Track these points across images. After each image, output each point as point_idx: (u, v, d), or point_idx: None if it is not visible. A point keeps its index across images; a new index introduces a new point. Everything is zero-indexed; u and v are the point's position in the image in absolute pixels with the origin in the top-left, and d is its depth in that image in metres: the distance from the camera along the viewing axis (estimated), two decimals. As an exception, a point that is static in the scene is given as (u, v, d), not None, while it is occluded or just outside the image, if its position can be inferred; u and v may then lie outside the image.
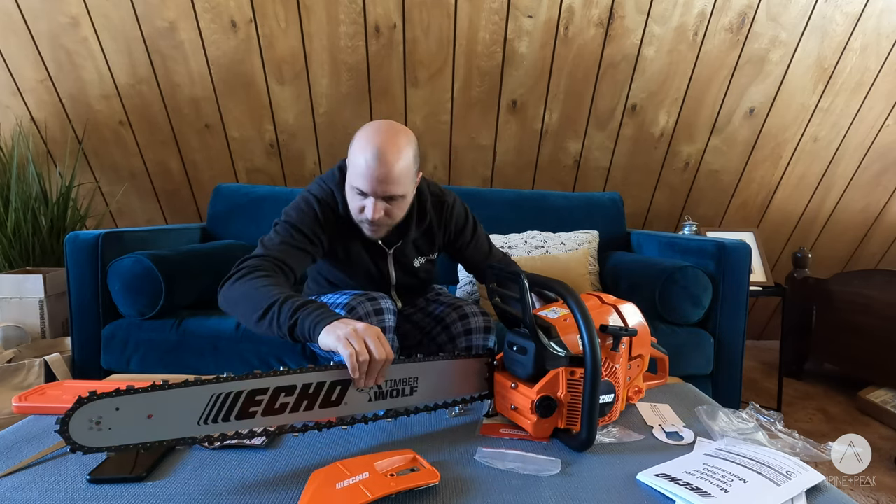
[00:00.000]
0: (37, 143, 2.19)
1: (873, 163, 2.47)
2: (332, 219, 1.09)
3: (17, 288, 1.73)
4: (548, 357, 0.76)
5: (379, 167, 0.95)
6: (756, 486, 0.62)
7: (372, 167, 0.95)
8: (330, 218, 1.09)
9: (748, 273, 1.56)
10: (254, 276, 0.90)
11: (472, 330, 1.16)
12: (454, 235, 1.23)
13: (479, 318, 1.17)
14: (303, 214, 1.07)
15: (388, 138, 0.97)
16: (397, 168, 0.97)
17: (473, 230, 1.26)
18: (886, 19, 2.07)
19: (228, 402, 0.64)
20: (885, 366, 2.00)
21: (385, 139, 0.96)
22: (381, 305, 1.06)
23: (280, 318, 0.81)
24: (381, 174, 0.96)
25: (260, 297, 0.85)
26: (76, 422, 0.56)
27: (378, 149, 0.95)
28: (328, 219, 1.08)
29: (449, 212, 1.20)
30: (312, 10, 1.96)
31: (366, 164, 0.96)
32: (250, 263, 0.95)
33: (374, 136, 0.97)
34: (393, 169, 0.96)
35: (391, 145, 0.96)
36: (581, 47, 2.10)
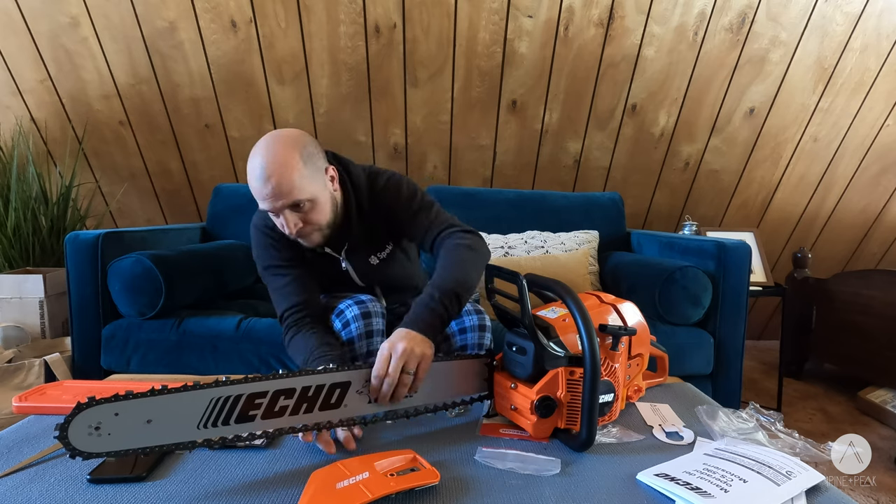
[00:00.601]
0: (37, 143, 2.19)
1: (873, 163, 2.47)
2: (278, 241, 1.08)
3: (17, 288, 1.73)
4: (547, 357, 0.76)
5: (265, 185, 0.92)
6: (756, 486, 0.62)
7: (259, 187, 0.93)
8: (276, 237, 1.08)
9: (748, 273, 1.56)
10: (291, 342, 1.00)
11: (466, 328, 1.15)
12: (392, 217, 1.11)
13: (472, 315, 1.16)
14: (264, 252, 1.09)
15: (267, 153, 0.93)
16: (286, 178, 0.93)
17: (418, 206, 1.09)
18: (886, 19, 2.07)
19: (228, 405, 0.64)
20: (885, 366, 2.00)
21: (264, 155, 0.93)
22: (369, 308, 1.05)
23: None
24: (272, 191, 0.92)
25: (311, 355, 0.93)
26: (75, 428, 0.56)
27: (259, 167, 0.93)
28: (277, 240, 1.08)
29: (380, 195, 1.10)
30: (312, 10, 1.96)
31: (256, 186, 0.94)
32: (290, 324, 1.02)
33: (256, 155, 0.94)
34: (281, 180, 0.92)
35: (270, 159, 0.93)
36: (581, 47, 2.10)
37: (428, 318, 0.84)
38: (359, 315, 1.05)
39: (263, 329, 1.40)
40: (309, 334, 0.98)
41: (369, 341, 1.04)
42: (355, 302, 1.07)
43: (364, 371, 0.74)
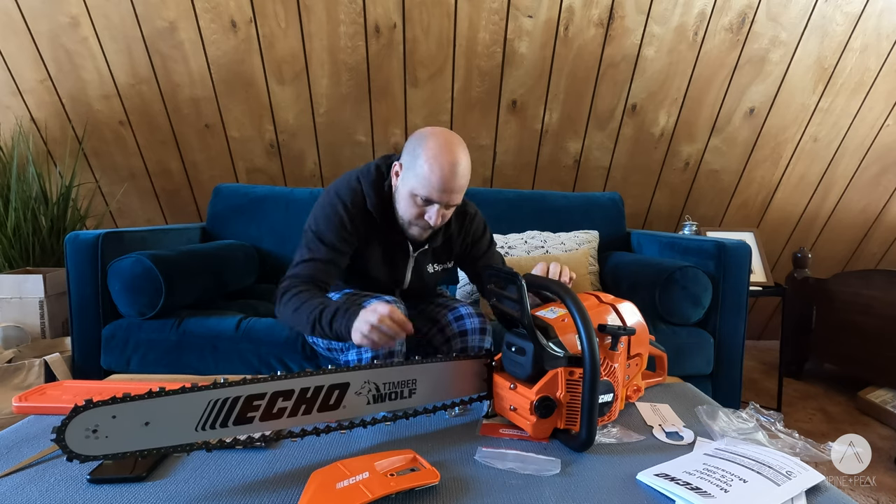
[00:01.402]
0: (37, 143, 2.19)
1: (873, 163, 2.47)
2: (359, 220, 1.11)
3: (17, 288, 1.73)
4: (546, 357, 0.76)
5: (453, 180, 1.01)
6: (756, 486, 0.62)
7: (447, 179, 1.00)
8: (357, 221, 1.11)
9: (748, 273, 1.56)
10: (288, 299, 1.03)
11: (467, 331, 1.16)
12: (470, 246, 1.25)
13: (474, 318, 1.17)
14: (330, 224, 1.10)
15: (458, 150, 1.02)
16: (465, 179, 1.04)
17: (489, 244, 1.28)
18: (886, 19, 2.07)
19: (226, 407, 0.64)
20: (885, 366, 2.00)
21: (456, 151, 1.02)
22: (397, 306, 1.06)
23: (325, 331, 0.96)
24: (455, 186, 1.01)
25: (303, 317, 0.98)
26: (72, 430, 0.56)
27: (453, 162, 1.00)
28: (356, 222, 1.10)
29: (470, 222, 1.24)
30: (312, 10, 1.96)
31: (440, 176, 1.00)
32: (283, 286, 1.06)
33: (446, 147, 1.01)
34: (463, 180, 1.03)
35: (462, 157, 1.02)
36: (581, 47, 2.10)
37: None
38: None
39: (263, 329, 1.39)
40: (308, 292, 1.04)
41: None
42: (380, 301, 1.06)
43: (363, 372, 0.74)
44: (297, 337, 1.36)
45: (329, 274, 1.09)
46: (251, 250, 1.92)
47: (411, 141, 1.06)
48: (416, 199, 1.04)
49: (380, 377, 0.75)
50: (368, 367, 0.75)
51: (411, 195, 1.04)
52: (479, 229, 1.25)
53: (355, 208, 1.10)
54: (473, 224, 1.24)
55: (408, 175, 1.04)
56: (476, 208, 1.27)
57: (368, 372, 0.74)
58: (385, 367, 0.76)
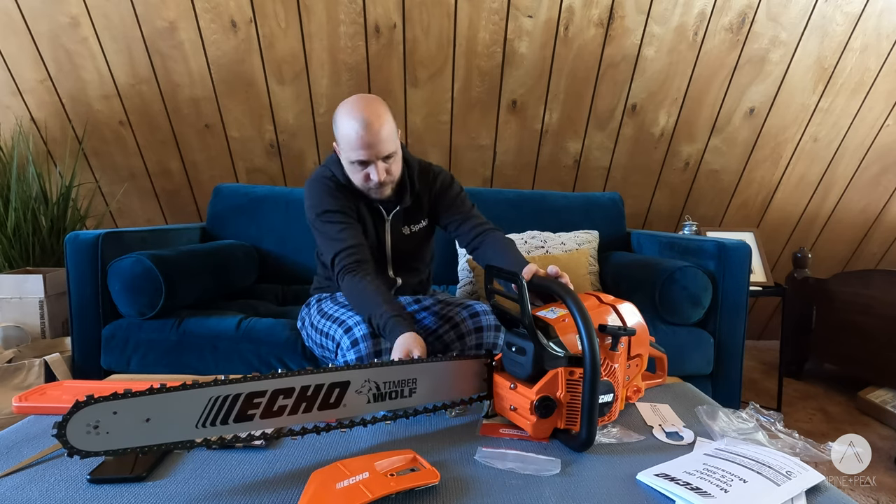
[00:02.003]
0: (37, 143, 2.19)
1: (873, 163, 2.47)
2: (338, 190, 1.18)
3: (17, 288, 1.73)
4: (547, 357, 0.76)
5: (369, 133, 1.06)
6: (756, 486, 0.62)
7: (364, 135, 1.06)
8: (338, 188, 1.18)
9: (748, 273, 1.56)
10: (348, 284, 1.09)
11: (482, 328, 1.17)
12: (438, 197, 1.29)
13: (489, 315, 1.18)
14: (325, 195, 1.17)
15: (367, 104, 1.08)
16: (385, 130, 1.08)
17: (457, 194, 1.30)
18: (886, 19, 2.07)
19: (227, 404, 0.64)
20: (885, 366, 2.00)
21: (364, 106, 1.08)
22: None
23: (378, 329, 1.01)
24: (374, 139, 1.07)
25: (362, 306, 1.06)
26: (73, 426, 0.56)
27: (364, 117, 1.06)
28: (338, 190, 1.18)
29: (434, 177, 1.29)
30: (312, 10, 1.96)
31: (357, 135, 1.07)
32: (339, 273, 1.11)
33: (355, 107, 1.08)
34: (381, 131, 1.08)
35: (372, 110, 1.08)
36: (581, 47, 2.10)
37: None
38: (368, 335, 1.05)
39: (263, 329, 1.40)
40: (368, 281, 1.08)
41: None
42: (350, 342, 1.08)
43: (364, 370, 0.74)
44: (297, 337, 1.36)
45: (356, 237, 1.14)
46: (251, 250, 1.92)
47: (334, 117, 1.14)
48: (355, 164, 1.11)
49: (380, 376, 0.75)
50: (369, 365, 0.75)
51: (349, 163, 1.12)
52: (445, 182, 1.30)
53: (332, 181, 1.19)
54: (438, 178, 1.29)
55: (340, 147, 1.13)
56: (440, 168, 1.33)
57: (369, 371, 0.74)
58: (385, 367, 0.76)
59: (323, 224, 1.16)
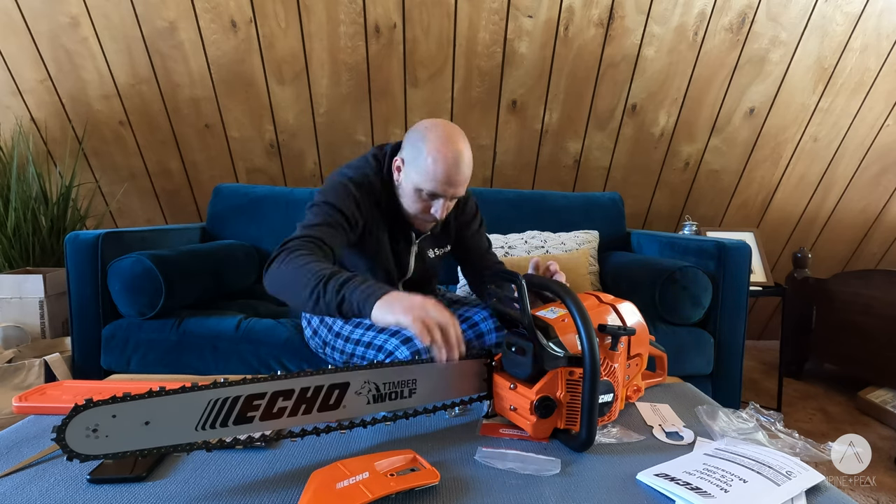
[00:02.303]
0: (37, 143, 2.19)
1: (873, 163, 2.47)
2: (368, 203, 1.09)
3: (17, 288, 1.73)
4: (546, 357, 0.76)
5: (457, 173, 1.00)
6: (756, 486, 0.62)
7: (451, 173, 0.99)
8: (367, 202, 1.08)
9: (748, 273, 1.56)
10: (295, 256, 0.89)
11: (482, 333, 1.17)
12: (462, 226, 1.26)
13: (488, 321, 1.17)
14: (340, 195, 1.05)
15: (461, 141, 1.01)
16: (469, 170, 1.03)
17: (479, 225, 1.30)
18: (886, 19, 2.07)
19: (226, 407, 0.64)
20: (885, 366, 2.00)
21: (459, 143, 1.01)
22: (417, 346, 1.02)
23: (326, 296, 0.82)
24: (459, 179, 1.01)
25: (304, 278, 0.85)
26: (72, 430, 0.56)
27: (457, 155, 0.99)
28: (365, 203, 1.08)
29: (464, 203, 1.26)
30: (312, 10, 1.96)
31: (444, 170, 0.99)
32: (290, 245, 0.93)
33: (448, 140, 1.00)
34: (467, 171, 1.02)
35: (465, 148, 1.01)
36: (581, 47, 2.10)
37: None
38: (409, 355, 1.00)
39: (263, 329, 1.40)
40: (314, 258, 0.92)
41: None
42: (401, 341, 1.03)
43: (363, 372, 0.74)
44: (297, 338, 1.36)
45: (336, 239, 1.00)
46: (251, 250, 1.92)
47: (412, 135, 1.04)
48: (422, 193, 1.03)
49: (380, 377, 0.75)
50: (368, 366, 0.75)
51: (416, 190, 1.03)
52: (471, 211, 1.28)
53: (363, 189, 1.08)
54: (467, 205, 1.26)
55: (410, 170, 1.03)
56: (470, 193, 1.28)
57: (368, 372, 0.74)
58: (385, 367, 0.76)
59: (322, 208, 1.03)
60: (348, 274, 0.85)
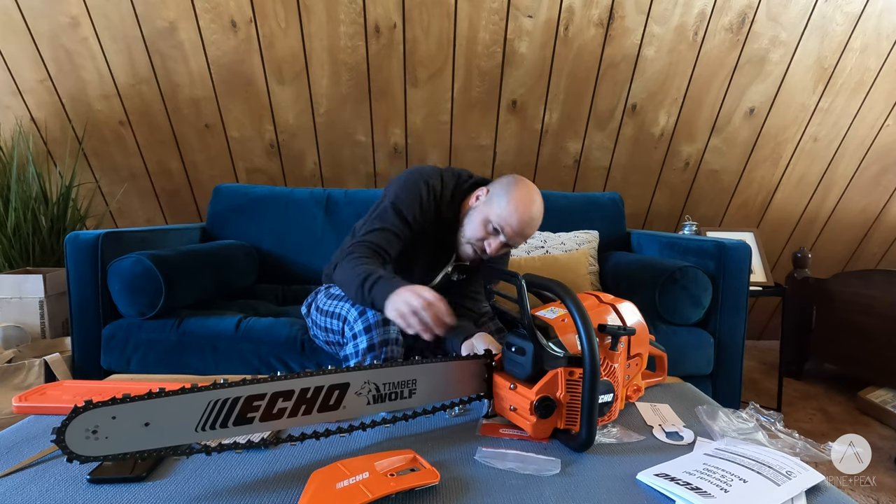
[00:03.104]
0: (37, 143, 2.19)
1: (873, 163, 2.47)
2: (433, 209, 1.15)
3: (17, 288, 1.73)
4: (546, 357, 0.76)
5: (528, 227, 1.09)
6: (756, 486, 0.62)
7: (524, 224, 1.08)
8: (431, 207, 1.15)
9: (748, 273, 1.56)
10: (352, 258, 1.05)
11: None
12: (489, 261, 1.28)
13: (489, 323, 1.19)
14: (411, 198, 1.13)
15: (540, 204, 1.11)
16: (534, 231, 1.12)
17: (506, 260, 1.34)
18: (886, 19, 2.07)
19: (226, 408, 0.64)
20: (885, 366, 2.00)
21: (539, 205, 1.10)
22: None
23: (364, 294, 0.96)
24: (527, 232, 1.10)
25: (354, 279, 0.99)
26: (72, 431, 0.56)
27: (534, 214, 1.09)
28: (430, 207, 1.15)
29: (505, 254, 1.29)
30: (312, 10, 1.96)
31: (519, 219, 1.07)
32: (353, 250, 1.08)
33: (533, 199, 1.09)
34: (534, 231, 1.11)
35: (540, 213, 1.11)
36: (581, 47, 2.10)
37: None
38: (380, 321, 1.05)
39: (263, 329, 1.40)
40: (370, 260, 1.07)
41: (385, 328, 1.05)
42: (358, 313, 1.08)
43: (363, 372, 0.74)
44: (297, 336, 1.36)
45: (393, 245, 1.12)
46: (251, 250, 1.92)
47: (504, 179, 1.13)
48: (489, 225, 1.10)
49: (380, 377, 0.75)
50: (368, 367, 0.75)
51: (485, 220, 1.10)
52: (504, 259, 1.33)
53: (433, 196, 1.15)
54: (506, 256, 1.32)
55: (491, 202, 1.11)
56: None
57: (368, 372, 0.74)
58: (385, 368, 0.76)
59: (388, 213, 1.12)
60: (380, 273, 0.96)
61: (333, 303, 1.17)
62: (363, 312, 1.06)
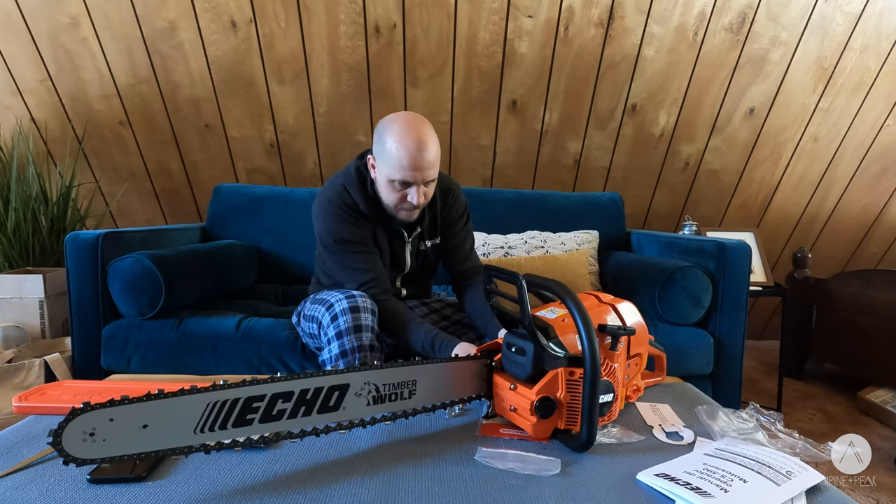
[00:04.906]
0: (37, 143, 2.19)
1: (873, 163, 2.47)
2: (357, 216, 1.17)
3: (17, 288, 1.73)
4: (546, 358, 0.76)
5: (422, 156, 1.04)
6: (756, 486, 0.62)
7: (416, 157, 1.04)
8: (357, 215, 1.17)
9: (748, 273, 1.56)
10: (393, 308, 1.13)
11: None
12: (449, 221, 1.29)
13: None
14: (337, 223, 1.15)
15: (422, 127, 1.06)
16: (434, 154, 1.07)
17: (465, 223, 1.32)
18: (886, 19, 2.07)
19: (225, 409, 0.63)
20: (885, 366, 2.00)
21: (420, 128, 1.06)
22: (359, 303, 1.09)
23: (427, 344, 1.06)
24: (425, 162, 1.05)
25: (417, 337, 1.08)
26: (69, 434, 0.55)
27: (420, 139, 1.04)
28: (357, 216, 1.16)
29: (453, 199, 1.28)
30: (312, 10, 1.96)
31: (409, 156, 1.04)
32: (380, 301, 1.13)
33: (410, 127, 1.05)
34: (432, 154, 1.06)
35: (427, 132, 1.06)
36: (581, 47, 2.10)
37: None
38: (347, 309, 1.06)
39: (263, 329, 1.40)
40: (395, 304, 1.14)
41: (358, 336, 1.05)
42: (345, 296, 1.08)
43: (363, 373, 0.74)
44: (297, 337, 1.36)
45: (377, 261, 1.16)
46: (251, 250, 1.92)
47: (377, 130, 1.11)
48: (394, 184, 1.08)
49: (380, 378, 0.75)
50: (368, 368, 0.75)
51: (388, 181, 1.09)
52: (459, 208, 1.30)
53: (346, 206, 1.16)
54: (457, 202, 1.29)
55: (380, 164, 1.09)
56: (459, 187, 1.31)
57: (368, 373, 0.74)
58: (385, 368, 0.76)
59: (342, 253, 1.16)
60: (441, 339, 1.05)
61: (314, 307, 1.18)
62: (335, 318, 1.07)
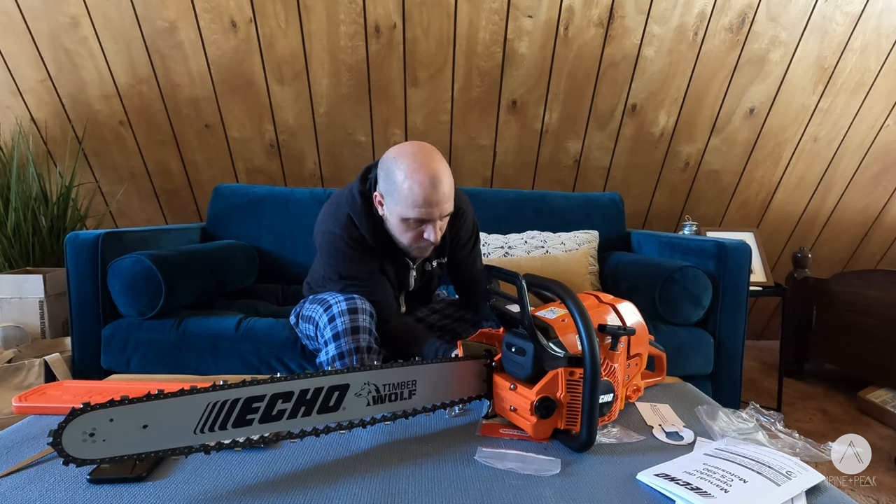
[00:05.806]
0: (37, 143, 2.19)
1: (873, 163, 2.47)
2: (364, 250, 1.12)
3: (17, 288, 1.73)
4: (546, 358, 0.76)
5: (437, 191, 0.98)
6: (756, 486, 0.62)
7: (430, 193, 0.98)
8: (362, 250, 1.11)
9: (748, 273, 1.56)
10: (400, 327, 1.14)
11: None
12: (457, 244, 1.26)
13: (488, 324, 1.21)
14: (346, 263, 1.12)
15: (431, 159, 0.99)
16: (449, 185, 1.01)
17: (473, 245, 1.29)
18: (886, 19, 2.07)
19: (225, 410, 0.63)
20: (885, 366, 2.00)
21: (431, 162, 0.99)
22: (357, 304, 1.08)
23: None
24: (441, 196, 0.99)
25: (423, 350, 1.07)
26: (69, 434, 0.55)
27: (433, 174, 0.98)
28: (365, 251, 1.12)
29: (462, 221, 1.23)
30: (312, 10, 1.96)
31: (423, 192, 0.97)
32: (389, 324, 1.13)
33: (419, 162, 0.98)
34: (447, 187, 1.00)
35: (439, 166, 0.99)
36: (581, 47, 2.10)
37: None
38: (345, 310, 1.05)
39: (263, 329, 1.40)
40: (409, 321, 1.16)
41: (355, 337, 1.05)
42: (344, 297, 1.08)
43: (363, 373, 0.74)
44: (296, 337, 1.36)
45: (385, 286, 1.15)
46: (251, 250, 1.92)
47: (382, 167, 1.03)
48: (409, 222, 1.03)
49: (380, 378, 0.75)
50: (368, 368, 0.75)
51: (402, 221, 1.03)
52: (468, 231, 1.25)
53: (352, 238, 1.10)
54: (465, 224, 1.24)
55: (391, 202, 1.02)
56: (471, 209, 1.27)
57: (368, 373, 0.74)
58: (385, 368, 0.76)
59: (349, 287, 1.12)
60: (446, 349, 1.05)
61: (312, 307, 1.17)
62: (332, 319, 1.06)
